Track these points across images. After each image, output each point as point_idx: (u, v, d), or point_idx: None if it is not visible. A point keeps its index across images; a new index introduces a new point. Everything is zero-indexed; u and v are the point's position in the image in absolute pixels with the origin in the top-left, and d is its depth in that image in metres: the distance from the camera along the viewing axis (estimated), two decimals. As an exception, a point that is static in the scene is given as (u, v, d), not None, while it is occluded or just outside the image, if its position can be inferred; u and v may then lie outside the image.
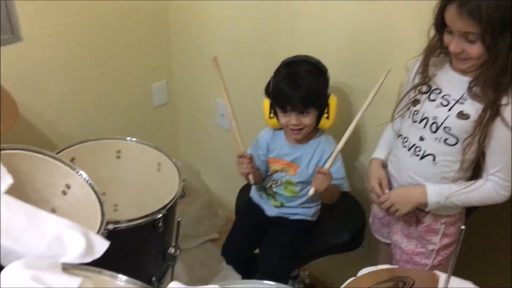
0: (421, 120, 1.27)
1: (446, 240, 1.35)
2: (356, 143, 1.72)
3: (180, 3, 2.09)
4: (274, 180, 1.58)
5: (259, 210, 1.65)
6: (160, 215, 1.48)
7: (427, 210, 1.31)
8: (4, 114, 1.39)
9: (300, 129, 1.47)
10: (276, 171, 1.58)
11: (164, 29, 2.18)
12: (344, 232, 1.63)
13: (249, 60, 1.94)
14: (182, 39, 2.19)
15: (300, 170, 1.54)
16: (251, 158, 1.50)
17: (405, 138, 1.33)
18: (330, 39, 1.65)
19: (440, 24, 1.17)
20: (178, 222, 1.57)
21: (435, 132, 1.24)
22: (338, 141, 1.54)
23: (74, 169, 1.27)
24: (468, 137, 1.19)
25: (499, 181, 1.21)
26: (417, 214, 1.36)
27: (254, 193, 1.68)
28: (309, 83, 1.41)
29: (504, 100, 1.13)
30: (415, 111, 1.29)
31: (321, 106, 1.47)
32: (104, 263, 1.02)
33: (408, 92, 1.33)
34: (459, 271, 0.97)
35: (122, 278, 0.99)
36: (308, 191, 1.53)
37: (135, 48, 2.11)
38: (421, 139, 1.28)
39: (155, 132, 2.32)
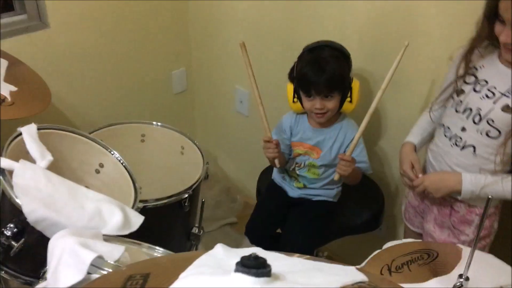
0: (464, 111, 1.26)
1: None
2: (375, 128, 1.75)
3: (200, -9, 2.14)
4: (297, 163, 1.63)
5: (281, 191, 1.69)
6: (186, 195, 1.54)
7: (460, 198, 1.31)
8: (38, 98, 1.44)
9: (324, 113, 1.50)
10: (299, 154, 1.62)
11: (183, 16, 2.22)
12: (363, 213, 1.67)
13: (270, 46, 1.98)
14: (200, 27, 2.23)
15: (323, 154, 1.58)
16: (277, 143, 1.54)
17: (447, 127, 1.33)
18: (351, 25, 1.68)
19: (493, 13, 1.15)
20: (203, 202, 1.62)
21: (477, 123, 1.24)
22: (359, 125, 1.58)
23: (107, 149, 1.32)
24: (510, 130, 1.19)
25: None
26: (451, 202, 1.35)
27: (276, 175, 1.72)
28: (333, 68, 1.45)
29: None
30: (459, 101, 1.28)
31: (345, 90, 1.51)
32: (133, 239, 1.08)
33: (453, 82, 1.31)
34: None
35: (159, 250, 1.05)
36: (330, 174, 1.57)
37: (155, 36, 2.15)
38: (463, 129, 1.27)
39: (174, 118, 2.37)
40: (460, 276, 0.88)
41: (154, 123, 1.80)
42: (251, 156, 2.29)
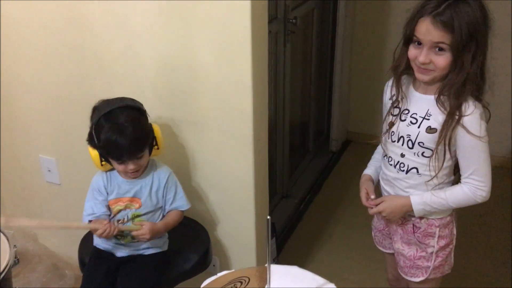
0: (399, 140, 1.40)
1: (442, 242, 1.46)
2: (191, 169, 1.81)
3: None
4: (119, 220, 1.58)
5: (108, 254, 1.62)
6: (-8, 289, 1.37)
7: (416, 216, 1.44)
8: None
9: (138, 170, 1.54)
10: (120, 211, 1.58)
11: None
12: (192, 257, 1.68)
13: (66, 109, 1.93)
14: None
15: (144, 201, 1.58)
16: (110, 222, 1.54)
17: (389, 157, 1.45)
18: (143, 76, 1.73)
19: (408, 39, 1.30)
20: (17, 291, 1.46)
21: (412, 148, 1.38)
22: (170, 165, 1.65)
23: None
24: (437, 146, 1.33)
25: (474, 183, 1.35)
26: (413, 221, 1.47)
27: (99, 240, 1.63)
28: (137, 131, 1.48)
29: (463, 109, 1.29)
30: (392, 131, 1.42)
31: (151, 142, 1.56)
32: None
33: (386, 116, 1.46)
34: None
35: None
36: (156, 219, 1.60)
37: None
38: (402, 155, 1.41)
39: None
40: (267, 292, 0.95)
41: None
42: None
